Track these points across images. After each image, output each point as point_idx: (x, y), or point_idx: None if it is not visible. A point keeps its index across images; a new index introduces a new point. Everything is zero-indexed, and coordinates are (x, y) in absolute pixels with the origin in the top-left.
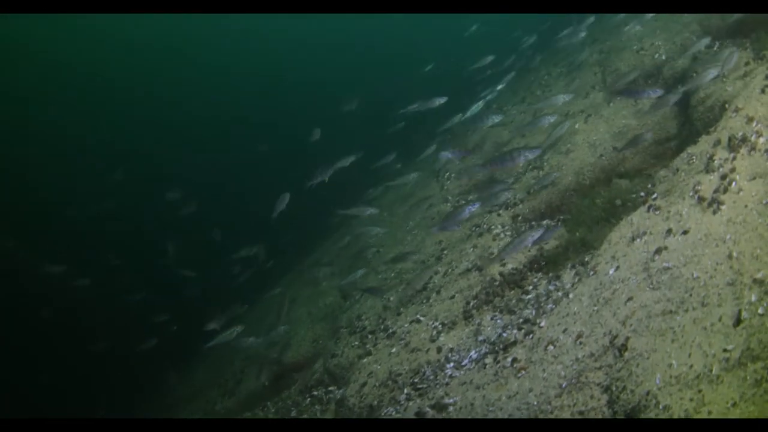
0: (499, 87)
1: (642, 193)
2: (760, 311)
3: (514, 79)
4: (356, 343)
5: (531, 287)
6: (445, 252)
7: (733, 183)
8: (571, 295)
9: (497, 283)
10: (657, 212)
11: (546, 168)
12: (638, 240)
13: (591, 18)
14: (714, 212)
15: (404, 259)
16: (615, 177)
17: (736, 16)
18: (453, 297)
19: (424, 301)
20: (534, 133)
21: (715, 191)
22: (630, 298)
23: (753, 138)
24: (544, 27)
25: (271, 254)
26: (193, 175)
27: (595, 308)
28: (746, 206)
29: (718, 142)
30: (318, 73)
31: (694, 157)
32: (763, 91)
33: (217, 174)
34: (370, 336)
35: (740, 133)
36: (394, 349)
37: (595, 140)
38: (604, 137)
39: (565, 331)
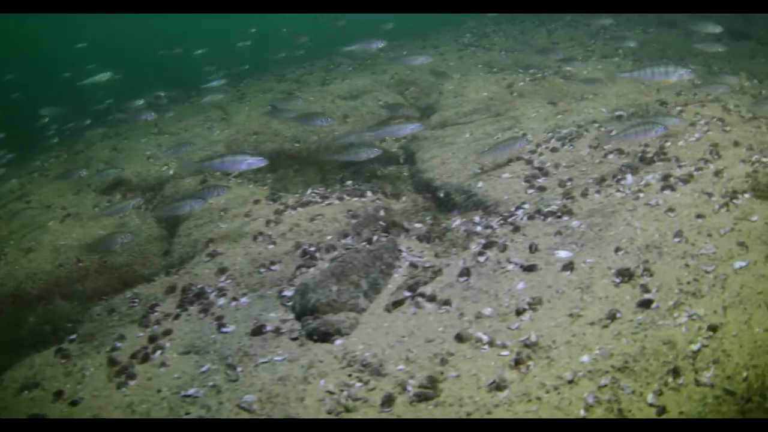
0: None
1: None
2: None
3: None
4: None
5: None
6: None
7: (157, 352)
8: None
9: None
10: (64, 361)
11: (1, 263)
12: (26, 392)
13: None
14: (119, 386)
15: None
16: (60, 297)
17: (274, 146)
18: None
19: None
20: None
21: (133, 356)
22: None
23: (213, 296)
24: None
25: None
26: None
27: None
28: (159, 391)
29: (172, 289)
30: None
31: (138, 300)
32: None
33: None
34: None
35: (184, 285)
36: None
37: (63, 245)
38: (73, 244)
39: None
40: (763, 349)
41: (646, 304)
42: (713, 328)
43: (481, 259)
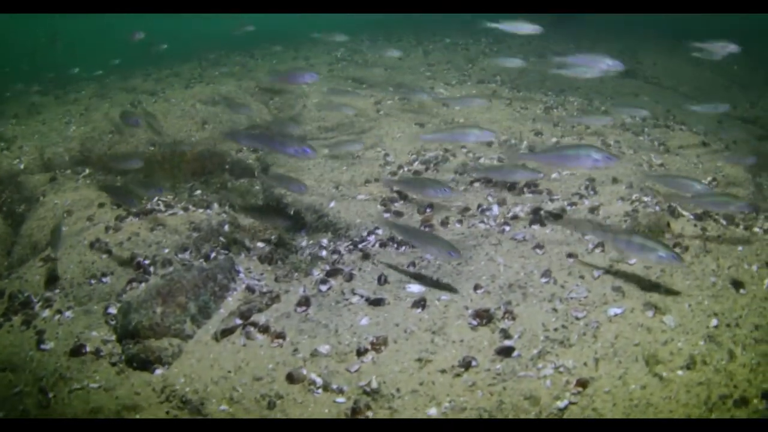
0: None
1: None
2: None
3: None
4: None
5: None
6: None
7: None
8: None
9: None
10: None
11: None
12: None
13: None
14: None
15: None
16: None
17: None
18: None
19: None
20: None
21: None
22: None
23: (38, 307)
24: None
25: None
26: None
27: None
28: None
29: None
30: None
31: None
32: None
33: None
34: None
35: (11, 291)
36: None
37: None
38: None
39: None
40: (639, 409)
41: (506, 352)
42: (583, 383)
43: (324, 287)
